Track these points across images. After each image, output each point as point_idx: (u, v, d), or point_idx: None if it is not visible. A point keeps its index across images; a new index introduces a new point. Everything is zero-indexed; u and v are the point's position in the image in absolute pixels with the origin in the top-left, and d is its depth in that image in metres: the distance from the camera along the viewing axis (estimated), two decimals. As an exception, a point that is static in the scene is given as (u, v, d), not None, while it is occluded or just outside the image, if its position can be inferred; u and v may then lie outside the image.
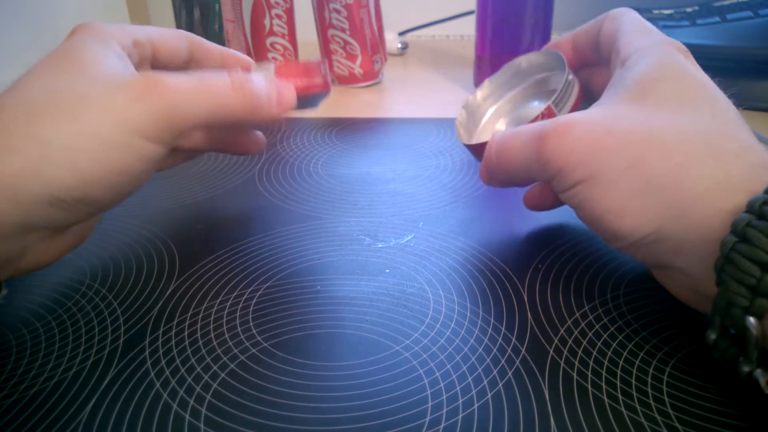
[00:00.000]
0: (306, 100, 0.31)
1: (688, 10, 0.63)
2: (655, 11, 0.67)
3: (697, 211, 0.21)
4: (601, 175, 0.22)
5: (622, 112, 0.24)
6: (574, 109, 0.31)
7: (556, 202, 0.31)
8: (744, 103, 0.52)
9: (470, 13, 0.79)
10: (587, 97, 0.33)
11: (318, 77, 0.32)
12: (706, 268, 0.20)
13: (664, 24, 0.62)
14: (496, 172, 0.28)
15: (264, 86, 0.27)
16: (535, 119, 0.29)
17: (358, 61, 0.61)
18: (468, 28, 0.90)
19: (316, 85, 0.31)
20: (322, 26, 0.61)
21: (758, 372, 0.19)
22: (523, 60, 0.36)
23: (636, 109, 0.23)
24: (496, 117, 0.39)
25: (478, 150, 0.32)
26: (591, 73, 0.33)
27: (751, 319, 0.18)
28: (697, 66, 0.26)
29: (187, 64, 0.32)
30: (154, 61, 0.30)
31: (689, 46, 0.58)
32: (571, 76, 0.31)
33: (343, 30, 0.60)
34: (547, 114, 0.30)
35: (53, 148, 0.22)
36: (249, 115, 0.26)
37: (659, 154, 0.22)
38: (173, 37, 0.30)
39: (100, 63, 0.24)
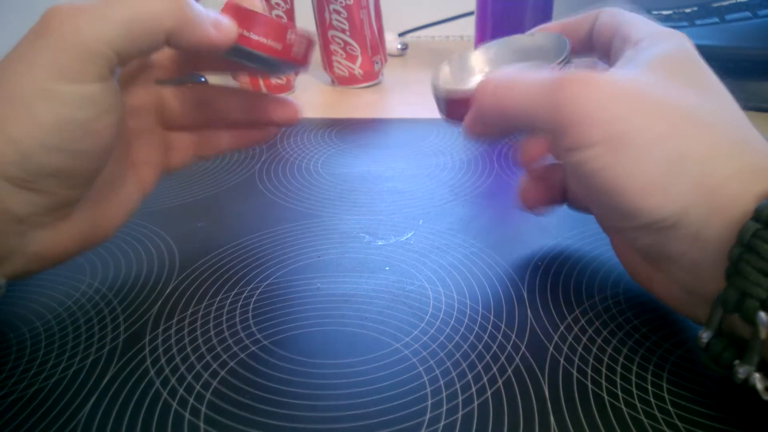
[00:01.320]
0: (257, 57, 0.26)
1: (687, 10, 0.64)
2: (655, 12, 0.67)
3: (724, 196, 0.19)
4: (629, 139, 0.19)
5: (653, 80, 0.21)
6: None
7: (555, 199, 0.29)
8: (744, 103, 0.52)
9: (470, 13, 0.80)
10: None
11: (278, 41, 0.26)
12: (717, 260, 0.19)
13: (664, 24, 0.62)
14: (489, 113, 0.24)
15: (196, 4, 0.23)
16: None
17: (358, 61, 0.61)
18: (468, 28, 0.90)
19: (271, 48, 0.26)
20: (323, 27, 0.61)
21: (756, 377, 0.18)
22: (527, 39, 0.32)
23: (665, 82, 0.21)
24: None
25: (461, 103, 0.26)
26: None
27: (763, 315, 0.17)
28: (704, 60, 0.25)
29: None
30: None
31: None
32: (570, 61, 0.28)
33: (343, 31, 0.60)
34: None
35: None
36: (180, 22, 0.22)
37: (695, 130, 0.20)
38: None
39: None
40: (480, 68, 0.32)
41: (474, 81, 0.29)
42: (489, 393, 0.22)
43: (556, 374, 0.23)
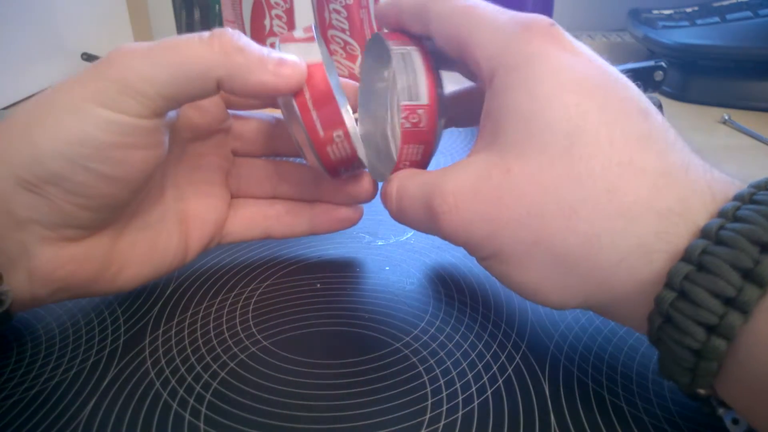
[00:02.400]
0: (300, 130, 0.24)
1: (688, 10, 0.64)
2: (655, 11, 0.67)
3: (618, 286, 0.19)
4: (508, 252, 0.20)
5: (507, 167, 0.20)
6: (433, 85, 0.24)
7: None
8: (744, 103, 0.52)
9: (470, 13, 0.79)
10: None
11: (324, 131, 0.23)
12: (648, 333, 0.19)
13: (664, 24, 0.62)
14: (401, 221, 0.25)
15: (257, 45, 0.22)
16: (403, 138, 0.24)
17: (358, 61, 0.61)
18: (467, 29, 0.90)
19: (314, 130, 0.23)
20: (322, 27, 0.61)
21: (721, 411, 0.18)
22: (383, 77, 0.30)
23: (523, 162, 0.20)
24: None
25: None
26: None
27: (700, 392, 0.18)
28: (571, 41, 0.21)
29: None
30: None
31: (689, 46, 0.58)
32: (398, 48, 0.24)
33: (343, 30, 0.60)
34: (409, 113, 0.23)
35: (13, 128, 0.21)
36: (229, 68, 0.22)
37: (563, 225, 0.19)
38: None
39: None
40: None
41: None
42: (489, 392, 0.22)
43: (557, 372, 0.23)
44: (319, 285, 0.28)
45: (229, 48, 0.21)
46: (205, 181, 0.28)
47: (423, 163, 0.25)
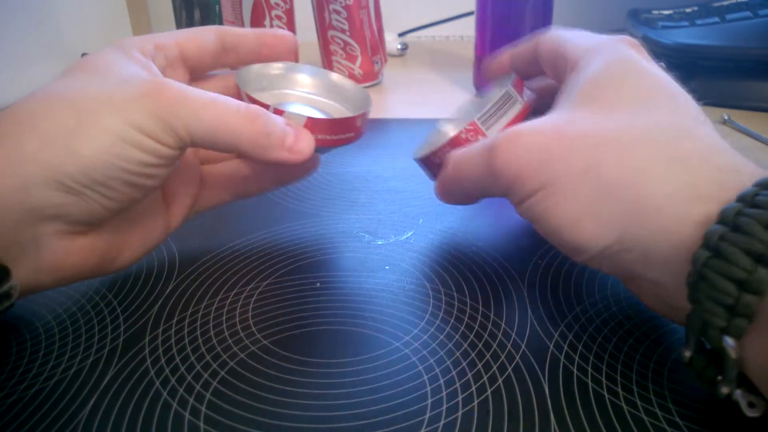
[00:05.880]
0: (328, 149, 0.29)
1: (688, 10, 0.63)
2: (655, 11, 0.67)
3: (663, 218, 0.19)
4: (556, 182, 0.21)
5: (575, 116, 0.22)
6: (512, 124, 0.28)
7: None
8: (744, 103, 0.52)
9: (470, 14, 0.79)
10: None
11: (352, 132, 0.29)
12: (678, 280, 0.19)
13: (664, 24, 0.62)
14: (451, 187, 0.27)
15: (280, 125, 0.26)
16: (458, 137, 0.28)
17: (358, 62, 0.61)
18: (468, 29, 0.90)
19: (346, 139, 0.29)
20: (322, 27, 0.61)
21: (738, 393, 0.18)
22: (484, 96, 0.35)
23: (589, 112, 0.22)
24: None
25: (431, 162, 0.30)
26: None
27: (729, 340, 0.17)
28: (651, 61, 0.25)
29: (221, 55, 0.30)
30: (184, 60, 0.30)
31: (689, 46, 0.58)
32: (514, 92, 0.29)
33: (343, 31, 0.60)
34: (471, 130, 0.27)
35: (53, 135, 0.23)
36: (254, 146, 0.25)
37: (616, 156, 0.21)
38: (199, 31, 0.30)
39: (119, 68, 0.26)
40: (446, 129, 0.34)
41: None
42: (489, 391, 0.22)
43: (557, 372, 0.23)
44: (318, 284, 0.28)
45: (261, 132, 0.25)
46: (182, 162, 0.30)
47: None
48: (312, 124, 0.28)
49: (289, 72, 0.33)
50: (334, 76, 0.33)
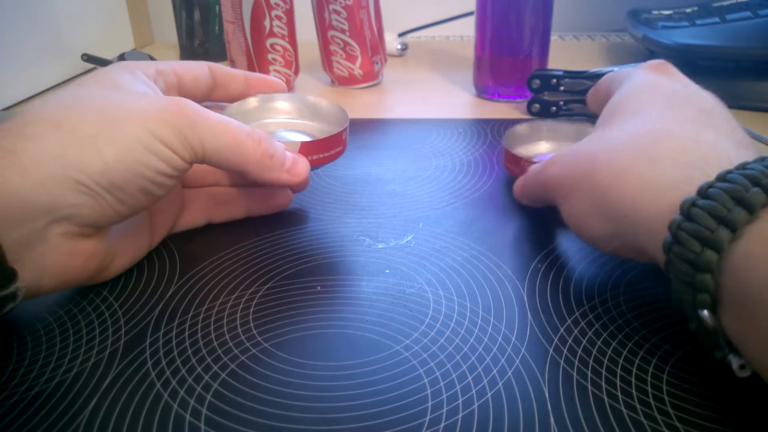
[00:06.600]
0: (321, 166, 0.33)
1: (688, 10, 0.64)
2: (655, 12, 0.67)
3: (640, 211, 0.23)
4: (573, 191, 0.27)
5: (593, 136, 0.28)
6: None
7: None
8: (744, 103, 0.52)
9: (470, 14, 0.79)
10: None
11: (339, 145, 0.33)
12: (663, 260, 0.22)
13: (664, 24, 0.62)
14: (525, 194, 0.34)
15: (281, 150, 0.30)
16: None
17: (358, 62, 0.61)
18: (468, 29, 0.90)
19: (336, 154, 0.33)
20: (322, 27, 0.61)
21: (731, 357, 0.20)
22: (568, 125, 0.41)
23: (601, 130, 0.28)
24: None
25: (518, 163, 0.37)
26: None
27: (705, 312, 0.19)
28: (675, 75, 0.29)
29: (212, 89, 0.34)
30: (180, 87, 0.32)
31: (689, 46, 0.58)
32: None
33: (342, 31, 0.60)
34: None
35: (78, 135, 0.24)
36: (258, 166, 0.28)
37: (606, 162, 0.25)
38: (194, 65, 0.33)
39: (130, 84, 0.28)
40: (536, 139, 0.42)
41: (531, 148, 0.41)
42: (489, 395, 0.22)
43: (556, 376, 0.23)
44: (319, 287, 0.29)
45: (265, 153, 0.28)
46: None
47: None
48: (305, 147, 0.31)
49: (265, 103, 0.36)
50: (309, 98, 0.37)
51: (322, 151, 0.32)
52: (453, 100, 0.59)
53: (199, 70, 0.33)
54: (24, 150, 0.23)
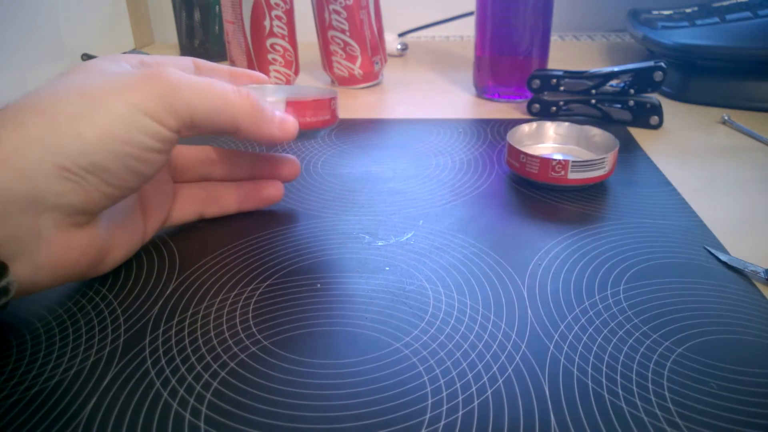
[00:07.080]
0: (310, 132, 0.33)
1: (688, 10, 0.64)
2: (655, 12, 0.67)
3: None
4: None
5: None
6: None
7: None
8: (744, 103, 0.52)
9: (470, 14, 0.80)
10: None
11: (326, 113, 0.33)
12: None
13: (664, 24, 0.62)
14: None
15: (269, 106, 0.29)
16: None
17: (358, 62, 0.61)
18: (468, 29, 0.90)
19: (323, 121, 0.33)
20: (322, 27, 0.61)
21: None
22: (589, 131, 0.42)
23: None
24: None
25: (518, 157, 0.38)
26: None
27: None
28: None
29: None
30: None
31: (689, 46, 0.58)
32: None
33: (343, 31, 0.60)
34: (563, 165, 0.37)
35: (58, 120, 0.24)
36: (250, 121, 0.28)
37: None
38: (178, 58, 0.33)
39: (116, 68, 0.28)
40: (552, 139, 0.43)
41: (534, 147, 0.43)
42: (489, 392, 0.22)
43: (557, 373, 0.23)
44: (319, 285, 0.28)
45: (254, 106, 0.28)
46: (158, 176, 0.32)
47: None
48: (292, 105, 0.31)
49: (255, 92, 0.37)
50: (298, 86, 0.37)
51: (309, 114, 0.32)
52: (453, 100, 0.59)
53: (183, 62, 0.32)
54: (7, 139, 0.23)
